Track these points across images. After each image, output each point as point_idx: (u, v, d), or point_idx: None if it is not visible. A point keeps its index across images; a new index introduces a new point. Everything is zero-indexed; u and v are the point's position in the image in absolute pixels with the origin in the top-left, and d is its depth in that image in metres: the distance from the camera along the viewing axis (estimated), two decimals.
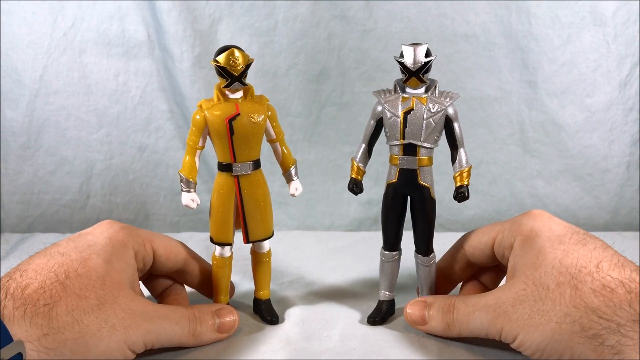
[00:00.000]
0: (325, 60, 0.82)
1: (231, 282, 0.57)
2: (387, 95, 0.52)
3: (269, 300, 0.57)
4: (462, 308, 0.47)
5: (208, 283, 0.56)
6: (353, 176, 0.55)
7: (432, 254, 0.54)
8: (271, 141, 0.55)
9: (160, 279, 0.56)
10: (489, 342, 0.50)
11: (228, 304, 0.56)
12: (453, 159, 0.52)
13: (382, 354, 0.49)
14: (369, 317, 0.56)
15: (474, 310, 0.46)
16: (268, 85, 0.82)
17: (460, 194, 0.50)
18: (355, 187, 0.55)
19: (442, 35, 0.81)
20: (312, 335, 0.53)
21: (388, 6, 0.80)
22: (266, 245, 0.56)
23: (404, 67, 0.50)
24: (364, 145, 0.55)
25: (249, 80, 0.51)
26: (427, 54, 0.49)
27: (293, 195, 0.56)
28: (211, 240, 0.54)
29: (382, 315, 0.56)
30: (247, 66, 0.49)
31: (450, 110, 0.51)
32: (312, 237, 0.83)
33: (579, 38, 0.81)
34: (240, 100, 0.51)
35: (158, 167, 0.86)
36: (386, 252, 0.56)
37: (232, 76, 0.49)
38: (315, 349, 0.50)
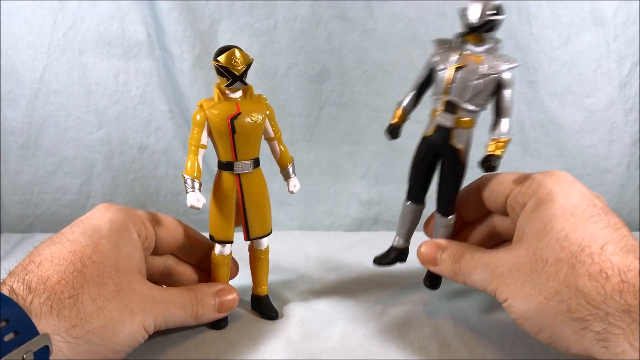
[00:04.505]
0: (325, 60, 0.82)
1: (236, 263, 0.58)
2: (446, 45, 0.50)
3: (267, 296, 0.58)
4: (468, 260, 0.47)
5: (208, 258, 0.56)
6: (394, 122, 0.53)
7: (451, 216, 0.53)
8: (269, 139, 0.55)
9: (163, 258, 0.56)
10: (489, 342, 0.50)
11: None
12: (493, 126, 0.48)
13: (382, 354, 0.49)
14: (375, 258, 0.54)
15: (476, 265, 0.46)
16: (268, 85, 0.82)
17: (488, 163, 0.47)
18: (394, 131, 0.53)
19: (442, 36, 0.81)
20: (312, 335, 0.53)
21: (388, 6, 0.80)
22: (265, 242, 0.57)
23: (465, 21, 0.47)
24: (413, 92, 0.52)
25: (249, 80, 0.52)
26: (498, 12, 0.46)
27: (292, 192, 0.57)
28: (211, 238, 0.54)
29: (390, 259, 0.55)
30: (248, 66, 0.50)
31: (506, 76, 0.47)
32: (312, 237, 0.83)
33: (579, 38, 0.81)
34: (240, 99, 0.51)
35: (158, 167, 0.86)
36: (408, 203, 0.54)
37: (233, 76, 0.49)
38: (315, 349, 0.50)
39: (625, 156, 0.84)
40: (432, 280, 0.53)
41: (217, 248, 0.54)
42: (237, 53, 0.49)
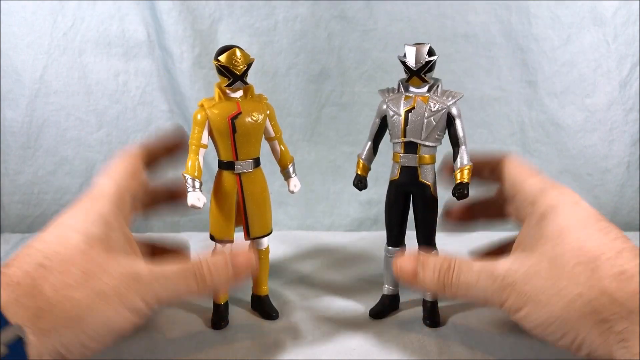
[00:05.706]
0: (325, 60, 0.82)
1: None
2: (391, 94, 0.53)
3: (267, 296, 0.58)
4: (466, 272, 0.44)
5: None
6: (358, 172, 0.56)
7: (434, 251, 0.55)
8: (270, 139, 0.56)
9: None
10: (489, 342, 0.50)
11: (227, 302, 0.56)
12: (454, 157, 0.52)
13: (382, 354, 0.49)
14: (370, 310, 0.56)
15: (479, 276, 0.43)
16: (268, 85, 0.82)
17: (459, 191, 0.49)
18: (360, 183, 0.56)
19: (442, 35, 0.81)
20: (312, 335, 0.53)
21: (388, 6, 0.80)
22: (265, 242, 0.57)
23: (406, 67, 0.50)
24: (369, 143, 0.56)
25: (249, 80, 0.52)
26: (430, 54, 0.50)
27: (292, 192, 0.57)
28: (211, 238, 0.54)
29: (384, 309, 0.56)
30: (249, 65, 0.50)
31: (453, 109, 0.51)
32: (312, 237, 0.83)
33: (579, 38, 0.81)
34: (240, 99, 0.52)
35: None
36: (390, 247, 0.56)
37: (234, 75, 0.50)
38: (316, 349, 0.50)
39: (625, 156, 0.84)
40: (432, 319, 0.54)
41: (217, 248, 0.54)
42: (238, 53, 0.49)
